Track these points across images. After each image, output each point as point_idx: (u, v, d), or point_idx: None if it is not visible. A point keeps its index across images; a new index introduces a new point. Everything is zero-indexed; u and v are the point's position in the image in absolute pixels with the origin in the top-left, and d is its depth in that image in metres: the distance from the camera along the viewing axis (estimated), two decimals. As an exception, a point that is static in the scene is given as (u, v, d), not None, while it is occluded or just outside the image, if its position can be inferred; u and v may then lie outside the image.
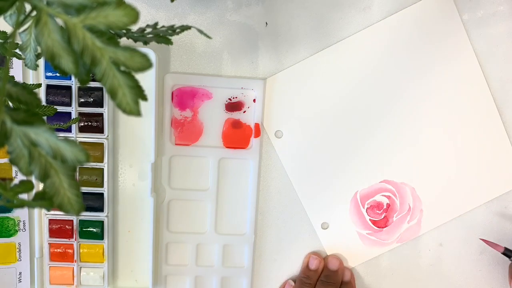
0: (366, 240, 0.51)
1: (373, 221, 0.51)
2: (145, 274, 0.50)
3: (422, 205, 0.50)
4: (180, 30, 0.32)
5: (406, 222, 0.51)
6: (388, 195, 0.50)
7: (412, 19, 0.47)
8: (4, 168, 0.47)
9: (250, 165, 0.49)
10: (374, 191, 0.50)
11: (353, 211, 0.50)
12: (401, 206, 0.50)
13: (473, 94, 0.49)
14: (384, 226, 0.51)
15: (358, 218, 0.51)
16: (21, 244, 0.48)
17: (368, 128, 0.49)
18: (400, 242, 0.51)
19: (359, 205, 0.50)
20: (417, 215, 0.51)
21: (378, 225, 0.51)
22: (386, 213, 0.50)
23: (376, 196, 0.50)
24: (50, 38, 0.21)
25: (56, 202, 0.22)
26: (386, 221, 0.51)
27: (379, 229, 0.51)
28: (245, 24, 0.47)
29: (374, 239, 0.51)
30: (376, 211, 0.50)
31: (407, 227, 0.51)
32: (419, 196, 0.50)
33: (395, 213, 0.51)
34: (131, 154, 0.49)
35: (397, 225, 0.51)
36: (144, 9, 0.47)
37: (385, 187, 0.50)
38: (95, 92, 0.46)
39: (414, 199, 0.50)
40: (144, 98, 0.22)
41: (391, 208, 0.50)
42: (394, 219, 0.51)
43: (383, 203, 0.50)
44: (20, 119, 0.21)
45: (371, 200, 0.50)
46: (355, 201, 0.50)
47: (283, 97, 0.49)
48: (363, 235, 0.51)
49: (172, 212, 0.50)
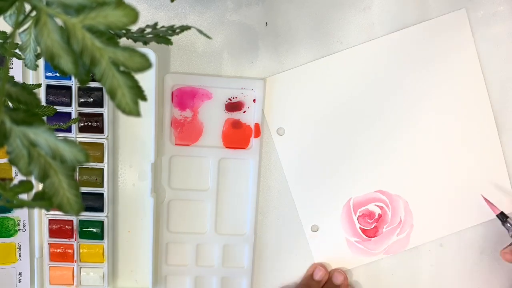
0: (354, 247, 0.51)
1: (363, 229, 0.51)
2: (145, 274, 0.50)
3: (413, 220, 0.51)
4: (180, 30, 0.31)
5: (395, 235, 0.51)
6: (381, 205, 0.50)
7: (418, 34, 0.47)
8: (4, 168, 0.47)
9: (250, 165, 0.49)
10: (368, 200, 0.50)
11: (344, 217, 0.51)
12: (392, 218, 0.51)
13: (473, 112, 0.49)
14: (373, 235, 0.51)
15: (348, 225, 0.51)
16: (21, 244, 0.48)
17: (368, 136, 0.49)
18: (386, 254, 0.51)
19: (351, 212, 0.50)
20: (407, 229, 0.51)
21: (368, 234, 0.51)
22: (376, 223, 0.51)
23: (369, 205, 0.50)
24: (49, 38, 0.21)
25: (56, 202, 0.22)
26: (375, 231, 0.51)
27: (368, 238, 0.51)
28: (245, 24, 0.47)
29: (361, 248, 0.51)
30: (367, 220, 0.51)
31: (395, 239, 0.51)
32: (411, 211, 0.50)
33: (385, 224, 0.51)
34: (131, 154, 0.49)
35: (386, 236, 0.51)
36: (144, 9, 0.47)
37: (379, 197, 0.50)
38: (95, 92, 0.46)
39: (406, 213, 0.50)
40: (143, 98, 0.22)
41: (382, 219, 0.51)
42: (384, 230, 0.51)
43: (375, 213, 0.50)
44: (19, 119, 0.21)
45: (363, 208, 0.50)
46: (347, 207, 0.50)
47: (284, 98, 0.49)
48: (351, 242, 0.51)
49: (172, 212, 0.50)
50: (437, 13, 0.48)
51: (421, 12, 0.48)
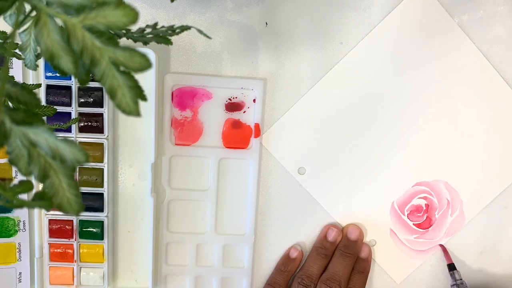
0: (416, 244, 0.51)
1: (417, 224, 0.51)
2: (145, 274, 0.50)
3: (459, 195, 0.51)
4: (180, 30, 0.31)
5: (449, 216, 0.51)
6: (424, 196, 0.51)
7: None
8: (3, 168, 0.47)
9: (250, 165, 0.49)
10: (410, 196, 0.51)
11: (395, 221, 0.51)
12: (439, 203, 0.51)
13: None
14: (428, 226, 0.51)
15: (402, 226, 0.51)
16: (21, 244, 0.48)
17: (389, 135, 0.49)
18: (448, 236, 0.51)
19: (399, 213, 0.51)
20: (458, 206, 0.51)
21: (423, 227, 0.51)
22: (427, 213, 0.51)
23: (413, 200, 0.51)
24: (49, 38, 0.21)
25: (56, 203, 0.22)
26: (429, 221, 0.51)
27: (425, 230, 0.51)
28: (245, 24, 0.47)
29: (423, 241, 0.51)
30: (417, 215, 0.51)
31: (451, 220, 0.51)
32: (454, 188, 0.51)
33: (435, 211, 0.51)
34: (131, 154, 0.49)
35: (441, 221, 0.51)
36: (144, 9, 0.47)
37: (419, 189, 0.50)
38: (95, 92, 0.46)
39: (450, 192, 0.51)
40: (143, 98, 0.22)
41: (431, 207, 0.51)
42: (436, 217, 0.51)
43: (422, 205, 0.51)
44: (19, 119, 0.21)
45: (409, 205, 0.51)
46: (394, 211, 0.51)
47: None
48: (411, 241, 0.51)
49: (172, 212, 0.50)
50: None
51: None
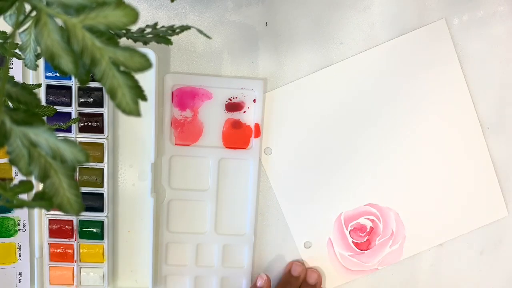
0: (348, 261, 0.51)
1: (356, 243, 0.51)
2: (145, 274, 0.50)
3: (405, 230, 0.51)
4: (180, 30, 0.31)
5: (388, 247, 0.51)
6: (372, 218, 0.50)
7: (409, 46, 0.48)
8: (4, 168, 0.47)
9: (250, 165, 0.49)
10: (358, 214, 0.51)
11: (336, 232, 0.51)
12: (384, 230, 0.51)
13: (462, 127, 0.49)
14: (366, 249, 0.51)
15: (341, 240, 0.51)
16: (21, 244, 0.48)
17: (356, 151, 0.49)
18: (381, 266, 0.51)
19: (342, 226, 0.51)
20: (400, 240, 0.51)
21: (361, 248, 0.51)
22: (369, 236, 0.51)
23: (360, 218, 0.51)
24: (49, 38, 0.21)
25: (56, 202, 0.22)
26: (368, 244, 0.51)
27: (361, 251, 0.51)
28: (245, 24, 0.47)
29: (355, 261, 0.51)
30: (359, 234, 0.51)
31: (389, 251, 0.51)
32: (402, 222, 0.51)
33: (377, 236, 0.51)
34: (131, 154, 0.49)
35: (379, 248, 0.51)
36: (144, 9, 0.47)
37: (369, 210, 0.50)
38: (95, 92, 0.46)
39: (398, 224, 0.51)
40: (143, 98, 0.22)
41: (374, 232, 0.51)
42: (376, 243, 0.51)
43: (367, 226, 0.51)
44: (19, 119, 0.21)
45: (354, 222, 0.51)
46: (339, 223, 0.50)
47: (275, 115, 0.49)
48: (344, 257, 0.51)
49: (172, 212, 0.50)
50: (437, 13, 0.48)
51: (421, 13, 0.48)
